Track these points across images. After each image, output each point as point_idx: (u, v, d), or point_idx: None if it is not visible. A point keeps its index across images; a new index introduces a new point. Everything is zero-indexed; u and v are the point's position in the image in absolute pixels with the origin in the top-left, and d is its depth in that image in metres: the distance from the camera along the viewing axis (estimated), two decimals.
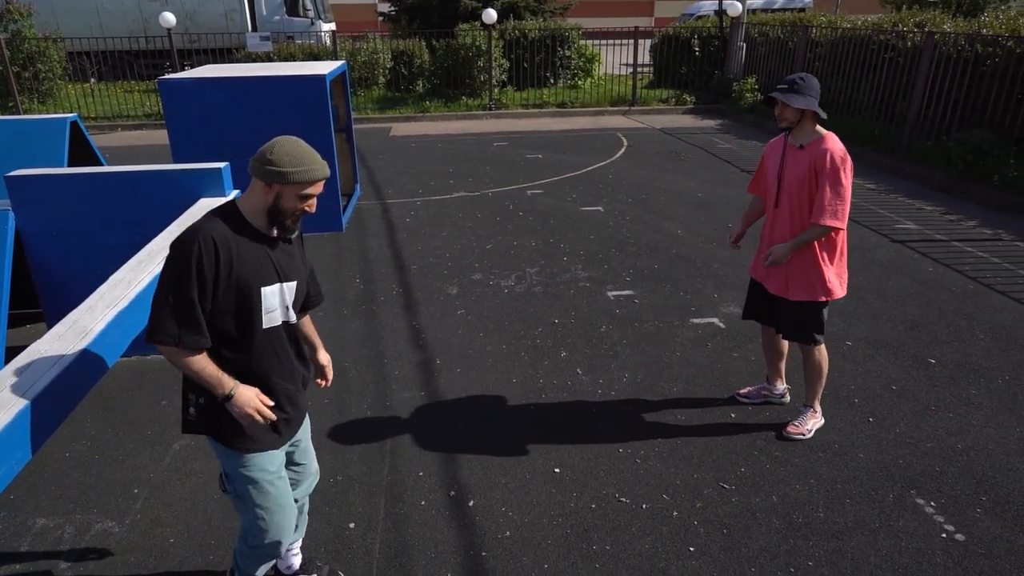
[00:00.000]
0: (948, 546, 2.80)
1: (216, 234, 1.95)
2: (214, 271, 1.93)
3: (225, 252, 1.95)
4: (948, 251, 6.09)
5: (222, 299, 1.98)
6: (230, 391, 2.02)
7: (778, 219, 3.37)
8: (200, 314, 1.94)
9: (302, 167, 1.96)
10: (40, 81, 13.93)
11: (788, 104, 3.16)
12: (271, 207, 2.01)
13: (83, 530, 2.97)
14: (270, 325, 2.09)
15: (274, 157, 1.95)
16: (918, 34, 9.38)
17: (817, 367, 3.49)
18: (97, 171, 4.23)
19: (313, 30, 17.91)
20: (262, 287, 2.03)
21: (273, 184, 1.97)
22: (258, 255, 2.03)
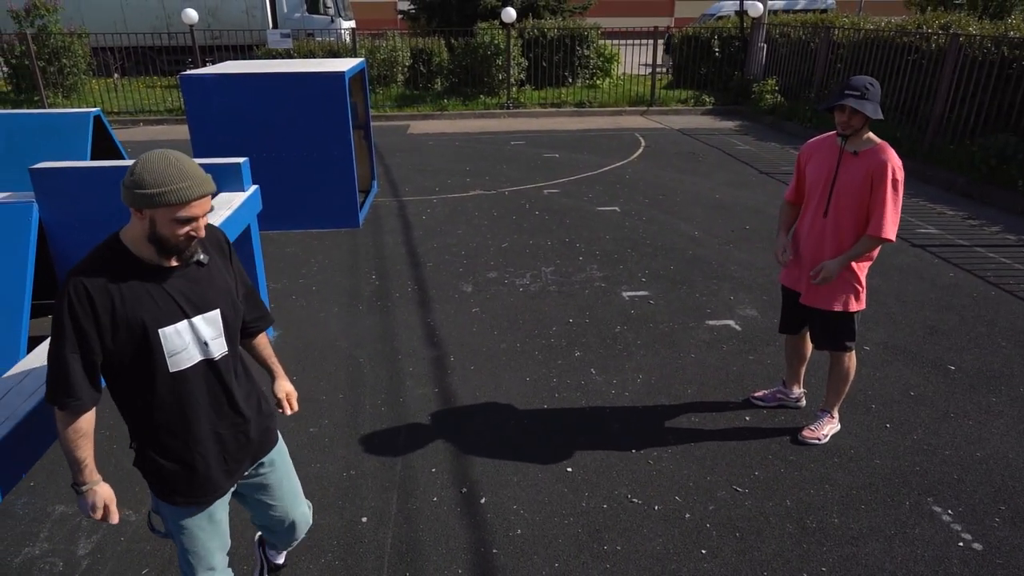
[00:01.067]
0: (965, 555, 2.76)
1: (91, 278, 1.71)
2: (92, 321, 1.71)
3: (103, 296, 1.72)
4: (970, 256, 6.00)
5: (114, 348, 1.76)
6: (82, 487, 1.84)
7: (824, 229, 3.22)
8: (71, 374, 1.72)
9: (170, 186, 1.67)
10: (65, 76, 14.14)
11: (861, 112, 2.98)
12: (150, 235, 1.74)
13: None
14: (181, 367, 1.84)
15: (137, 177, 1.67)
16: (943, 36, 9.25)
17: (845, 374, 3.43)
18: (119, 164, 4.29)
19: (333, 27, 18.02)
20: (160, 328, 1.78)
21: (143, 209, 1.70)
22: (150, 293, 1.77)
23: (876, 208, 3.07)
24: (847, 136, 3.12)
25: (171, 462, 1.92)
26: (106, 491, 1.89)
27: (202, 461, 1.94)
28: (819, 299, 3.30)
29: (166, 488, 1.95)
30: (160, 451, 1.92)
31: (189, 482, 1.94)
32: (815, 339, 3.47)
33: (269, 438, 2.15)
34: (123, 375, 1.83)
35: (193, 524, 2.00)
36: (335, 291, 5.40)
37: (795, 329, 3.59)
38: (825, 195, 3.21)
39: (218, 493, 2.02)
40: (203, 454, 1.94)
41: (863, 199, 3.11)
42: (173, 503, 1.97)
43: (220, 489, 2.02)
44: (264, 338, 2.26)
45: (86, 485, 1.84)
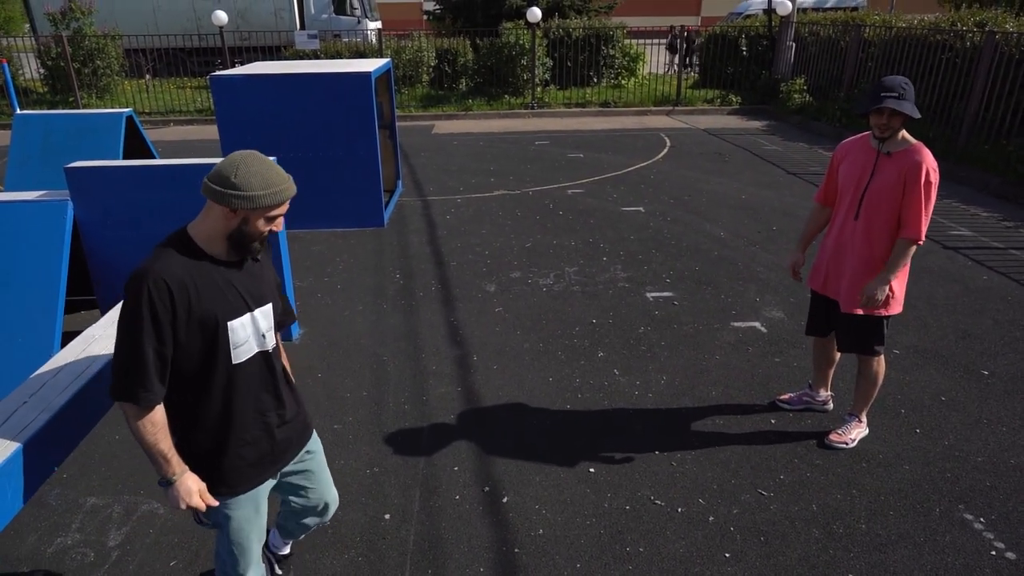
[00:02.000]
0: (998, 564, 2.70)
1: (168, 273, 1.75)
2: (170, 315, 1.75)
3: (180, 292, 1.76)
4: (1005, 259, 5.86)
5: (185, 342, 1.80)
6: (172, 476, 1.86)
7: (855, 232, 3.16)
8: (149, 367, 1.75)
9: (272, 189, 1.78)
10: (99, 77, 14.45)
11: (901, 112, 2.91)
12: (233, 232, 1.82)
13: (131, 510, 3.07)
14: (241, 360, 1.91)
15: (239, 181, 1.75)
16: (978, 34, 9.04)
17: (873, 378, 3.37)
18: (150, 164, 4.37)
19: (360, 28, 18.17)
20: (229, 321, 1.84)
21: (239, 210, 1.78)
22: (220, 287, 1.83)
23: (908, 209, 3.00)
24: (884, 138, 3.04)
25: (225, 452, 1.96)
26: (195, 479, 1.91)
27: (252, 450, 1.99)
28: (849, 303, 3.24)
29: (217, 478, 1.98)
30: (215, 442, 1.95)
31: (239, 472, 1.99)
32: (840, 342, 3.41)
33: (309, 426, 2.25)
34: (185, 368, 1.85)
35: (240, 515, 2.05)
36: (360, 290, 5.44)
37: (822, 332, 3.53)
38: (857, 197, 3.14)
39: (264, 480, 2.08)
40: (254, 443, 1.99)
41: (896, 201, 3.03)
42: (222, 494, 1.99)
43: (267, 477, 2.08)
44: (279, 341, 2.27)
45: (175, 476, 1.86)
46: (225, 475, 1.98)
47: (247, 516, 2.07)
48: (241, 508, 2.04)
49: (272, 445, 2.05)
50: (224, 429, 1.94)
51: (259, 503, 2.10)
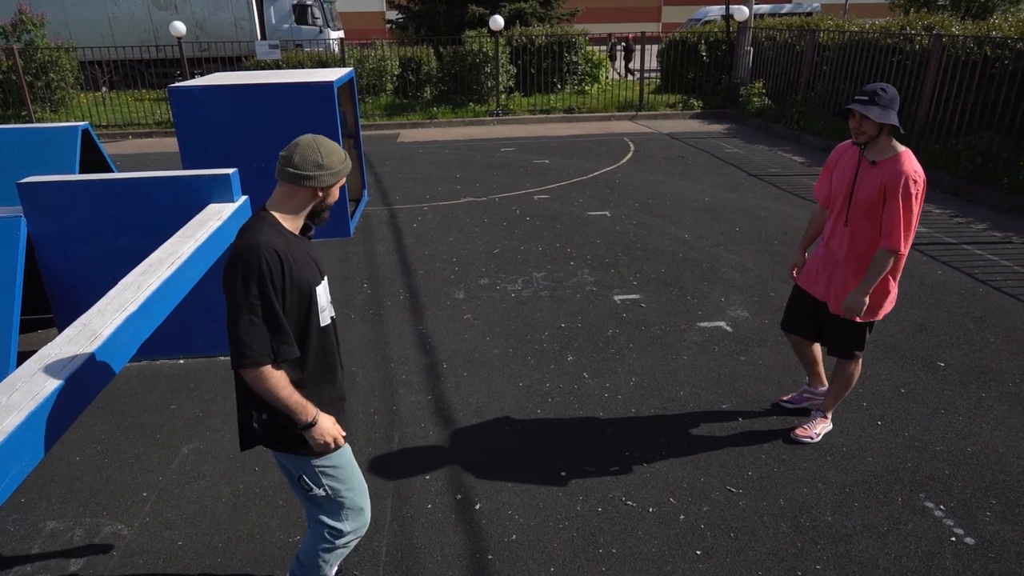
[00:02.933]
0: (958, 550, 2.78)
1: (276, 245, 1.95)
2: (283, 281, 1.94)
3: (287, 261, 1.96)
4: (957, 254, 6.05)
5: (290, 308, 1.99)
6: (313, 418, 2.03)
7: (844, 238, 3.19)
8: (285, 324, 1.94)
9: (345, 162, 2.05)
10: (52, 90, 14.10)
11: (868, 117, 2.93)
12: (315, 208, 2.08)
13: (93, 532, 2.99)
14: (326, 323, 2.13)
15: (327, 162, 2.00)
16: (926, 37, 9.35)
17: (847, 380, 3.42)
18: (107, 177, 4.28)
19: (322, 38, 18.04)
20: (315, 287, 2.06)
21: (329, 187, 2.04)
22: (306, 256, 2.06)
23: (888, 219, 2.99)
24: (863, 144, 3.06)
25: (325, 409, 2.11)
26: (329, 417, 2.10)
27: (339, 405, 2.22)
28: (836, 306, 3.27)
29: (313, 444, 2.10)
30: (318, 399, 2.09)
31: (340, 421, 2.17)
32: (826, 342, 3.43)
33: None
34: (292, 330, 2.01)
35: (344, 468, 2.22)
36: None
37: (796, 328, 3.55)
38: (845, 204, 3.17)
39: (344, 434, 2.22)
40: (337, 400, 2.21)
41: (877, 209, 3.03)
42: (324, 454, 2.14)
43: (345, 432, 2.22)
44: None
45: (316, 415, 2.04)
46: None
47: (351, 461, 2.26)
48: (343, 459, 2.22)
49: (343, 405, 2.27)
50: (322, 384, 2.14)
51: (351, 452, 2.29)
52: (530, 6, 18.07)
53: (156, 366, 4.43)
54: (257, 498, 3.18)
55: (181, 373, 4.35)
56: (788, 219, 7.11)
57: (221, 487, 3.26)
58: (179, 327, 4.16)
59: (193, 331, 4.44)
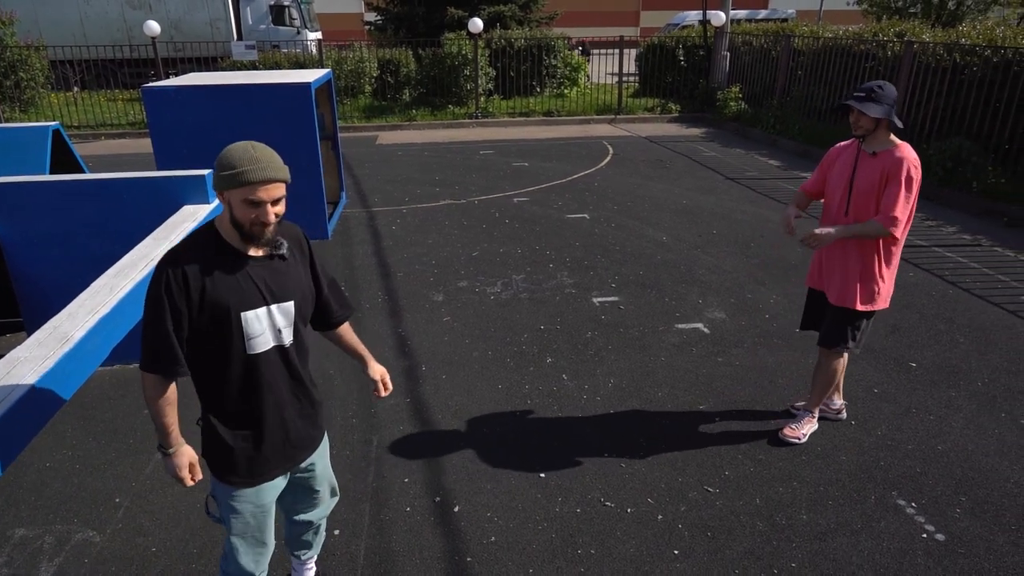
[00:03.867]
0: (929, 546, 2.83)
1: (186, 259, 1.85)
2: (184, 298, 1.84)
3: (195, 278, 1.84)
4: (928, 256, 6.17)
5: (198, 326, 1.88)
6: (168, 449, 1.97)
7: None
8: (174, 343, 1.85)
9: (240, 168, 1.80)
10: (22, 90, 13.82)
11: (864, 113, 3.04)
12: (231, 219, 1.88)
13: (63, 540, 2.93)
14: (257, 351, 1.96)
15: (219, 160, 1.84)
16: (898, 44, 9.53)
17: (831, 374, 3.45)
18: (79, 178, 4.20)
19: (299, 39, 17.91)
20: (242, 312, 1.90)
21: (223, 192, 1.85)
22: (238, 278, 1.90)
23: (886, 199, 3.07)
24: (863, 137, 3.16)
25: (238, 440, 2.02)
26: (191, 452, 2.02)
27: (267, 442, 2.05)
28: (840, 296, 3.30)
29: (227, 466, 2.04)
30: (228, 428, 2.02)
31: (251, 461, 2.04)
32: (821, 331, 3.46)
33: (320, 431, 2.27)
34: (204, 352, 1.93)
35: (246, 508, 2.09)
36: None
37: (815, 326, 3.57)
38: (845, 195, 3.24)
39: (274, 476, 2.11)
40: (268, 435, 2.04)
41: (878, 198, 3.12)
42: (230, 483, 2.05)
43: (276, 473, 2.11)
44: (349, 327, 2.37)
45: (172, 448, 1.98)
46: (237, 463, 2.03)
47: (253, 512, 2.10)
48: (248, 501, 2.08)
49: (286, 439, 2.09)
50: (239, 418, 2.01)
51: (266, 501, 2.13)
52: (509, 9, 18.10)
53: (129, 370, 4.35)
54: None
55: None
56: (764, 222, 7.20)
57: (195, 492, 3.21)
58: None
59: None
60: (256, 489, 2.09)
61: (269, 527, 2.18)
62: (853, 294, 3.27)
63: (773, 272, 5.81)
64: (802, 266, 5.86)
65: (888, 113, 3.04)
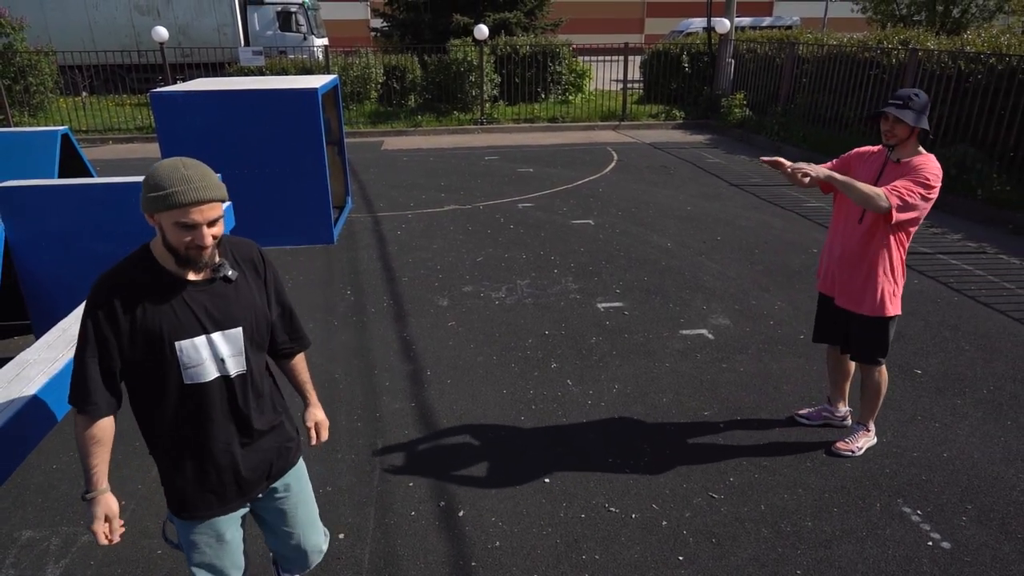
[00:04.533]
0: (934, 554, 2.82)
1: (116, 287, 1.73)
2: (112, 329, 1.72)
3: (126, 306, 1.72)
4: (933, 264, 6.16)
5: (129, 356, 1.76)
6: (88, 494, 1.83)
7: (859, 235, 3.19)
8: (90, 379, 1.74)
9: (168, 189, 1.64)
10: (31, 95, 13.92)
11: (902, 121, 2.99)
12: (164, 243, 1.73)
13: (69, 542, 2.94)
14: (195, 381, 1.81)
15: (146, 181, 1.68)
16: (902, 51, 9.54)
17: (876, 388, 3.41)
18: (87, 182, 4.24)
19: (306, 45, 18.01)
20: (177, 341, 1.76)
21: (152, 214, 1.70)
22: (172, 305, 1.76)
23: (899, 182, 2.99)
24: (893, 146, 3.12)
25: (182, 474, 1.90)
26: (109, 502, 1.85)
27: (213, 476, 1.92)
28: (849, 300, 3.27)
29: (175, 500, 1.94)
30: (172, 463, 1.90)
31: (198, 496, 1.93)
32: (851, 348, 3.41)
33: (287, 460, 2.09)
34: (140, 384, 1.83)
35: (201, 540, 1.98)
36: (310, 307, 5.36)
37: (829, 338, 3.53)
38: None
39: (226, 510, 1.98)
40: (214, 469, 1.91)
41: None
42: (180, 516, 1.95)
43: (228, 507, 1.98)
44: (301, 362, 2.21)
45: (91, 493, 1.83)
46: (184, 498, 1.93)
47: (207, 542, 1.98)
48: (203, 532, 1.97)
49: (235, 473, 1.94)
50: (181, 451, 1.89)
51: (223, 532, 2.00)
52: (515, 16, 18.18)
53: None
54: None
55: None
56: (769, 228, 7.20)
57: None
58: None
59: None
60: (208, 522, 1.97)
61: (230, 555, 2.04)
62: (869, 301, 3.22)
63: (777, 278, 5.81)
64: (807, 272, 5.86)
65: (923, 122, 3.00)
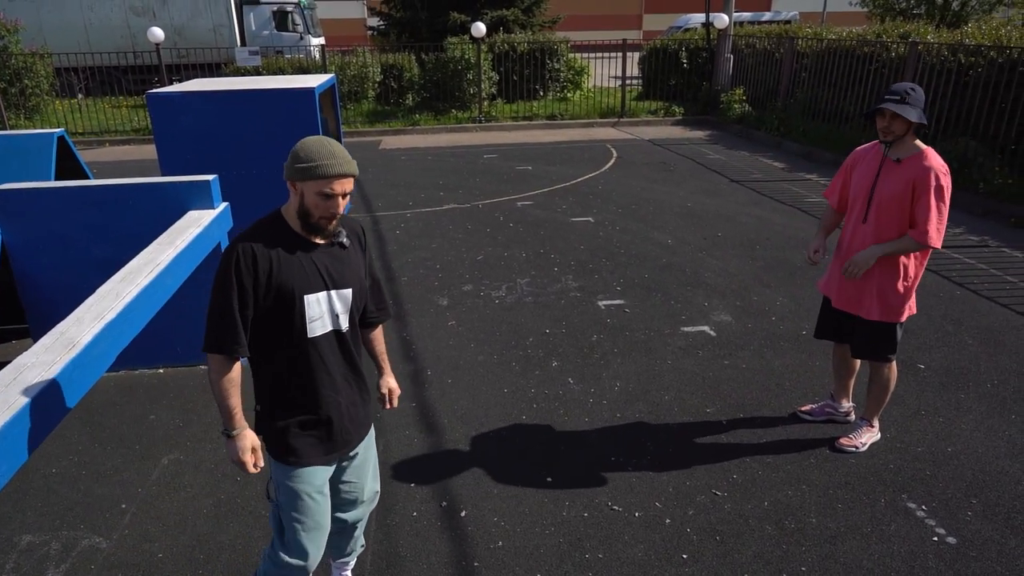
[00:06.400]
0: (940, 549, 2.81)
1: (255, 242, 1.96)
2: (252, 279, 1.93)
3: (264, 260, 1.94)
4: (935, 257, 6.14)
5: (263, 306, 1.97)
6: (232, 431, 2.01)
7: (865, 236, 3.17)
8: (237, 323, 1.93)
9: (318, 161, 1.92)
10: (27, 97, 13.89)
11: (901, 116, 2.96)
12: (299, 208, 1.98)
13: (70, 546, 2.92)
14: (316, 334, 2.04)
15: (295, 152, 1.95)
16: (902, 45, 9.51)
17: (884, 384, 3.39)
18: (84, 184, 4.21)
19: (302, 45, 17.97)
20: (305, 295, 1.99)
21: (296, 183, 1.96)
22: (301, 262, 2.00)
23: (921, 215, 3.00)
24: (890, 143, 3.08)
25: (295, 421, 2.08)
26: (254, 437, 2.05)
27: (323, 425, 2.10)
28: (854, 305, 3.25)
29: (284, 447, 2.08)
30: (286, 410, 2.08)
31: (308, 444, 2.09)
32: (855, 347, 3.39)
33: (370, 420, 2.32)
34: (266, 334, 2.01)
35: (304, 488, 2.11)
36: None
37: (831, 335, 3.50)
38: (866, 201, 3.16)
39: (330, 460, 2.16)
40: (324, 418, 2.10)
41: (905, 208, 3.04)
42: (287, 463, 2.09)
43: (333, 457, 2.16)
44: (379, 333, 2.41)
45: (236, 430, 2.01)
46: (294, 445, 2.08)
47: (310, 492, 2.12)
48: (305, 482, 2.11)
49: (341, 427, 2.14)
50: (297, 399, 2.07)
51: (323, 483, 2.16)
52: (512, 13, 18.14)
53: (135, 376, 4.36)
54: (239, 509, 3.13)
55: (160, 383, 4.28)
56: (769, 224, 7.18)
57: (202, 498, 3.21)
58: (158, 336, 4.09)
59: (172, 340, 4.37)
60: (313, 469, 2.12)
61: (326, 509, 2.20)
62: (876, 308, 3.19)
63: (779, 274, 5.79)
64: (808, 269, 5.84)
65: (922, 117, 2.98)
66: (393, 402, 2.45)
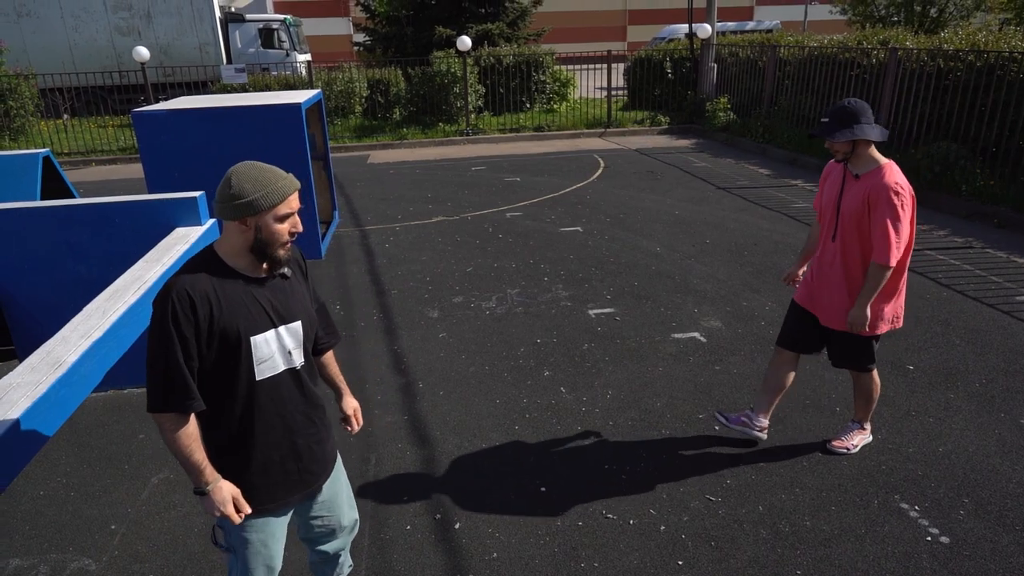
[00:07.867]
0: (933, 549, 2.81)
1: (191, 287, 1.79)
2: (193, 327, 1.78)
3: (203, 304, 1.79)
4: (921, 260, 6.20)
5: (207, 354, 1.83)
6: (206, 487, 1.86)
7: (835, 254, 3.17)
8: (185, 375, 1.78)
9: (270, 187, 1.80)
10: (12, 118, 13.82)
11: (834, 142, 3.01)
12: (254, 244, 1.84)
13: (59, 569, 2.88)
14: (266, 375, 1.91)
15: (235, 190, 1.79)
16: (882, 51, 9.64)
17: (867, 391, 3.39)
18: (69, 203, 4.19)
19: (289, 61, 18.01)
20: (252, 336, 1.86)
21: (247, 218, 1.81)
22: (244, 300, 1.86)
23: (875, 232, 2.98)
24: (842, 160, 3.10)
25: (246, 468, 1.95)
26: (229, 487, 1.90)
27: (278, 469, 1.99)
28: (835, 320, 3.22)
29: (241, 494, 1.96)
30: (236, 458, 1.95)
31: (263, 489, 1.98)
32: (833, 358, 3.38)
33: (334, 454, 2.21)
34: (210, 380, 1.87)
35: (257, 537, 2.02)
36: None
37: (794, 345, 3.41)
38: (833, 219, 3.16)
39: (289, 504, 2.06)
40: (280, 462, 1.98)
41: (863, 223, 3.04)
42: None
43: (292, 501, 2.06)
44: (332, 356, 2.31)
45: (209, 485, 1.87)
46: (248, 491, 1.95)
47: (264, 540, 2.04)
48: (259, 531, 2.02)
49: (299, 468, 2.03)
50: (248, 445, 1.94)
51: (277, 529, 2.07)
52: (497, 27, 18.24)
53: (123, 395, 4.32)
54: None
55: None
56: (757, 230, 7.23)
57: (193, 517, 3.18)
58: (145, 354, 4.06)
59: None
60: (266, 519, 2.02)
61: (277, 553, 2.11)
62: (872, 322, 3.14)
63: (767, 279, 5.83)
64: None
65: (862, 133, 2.94)
66: (359, 420, 2.35)
